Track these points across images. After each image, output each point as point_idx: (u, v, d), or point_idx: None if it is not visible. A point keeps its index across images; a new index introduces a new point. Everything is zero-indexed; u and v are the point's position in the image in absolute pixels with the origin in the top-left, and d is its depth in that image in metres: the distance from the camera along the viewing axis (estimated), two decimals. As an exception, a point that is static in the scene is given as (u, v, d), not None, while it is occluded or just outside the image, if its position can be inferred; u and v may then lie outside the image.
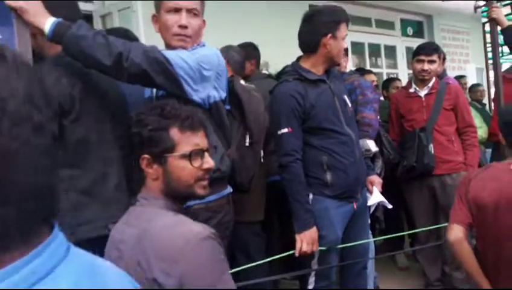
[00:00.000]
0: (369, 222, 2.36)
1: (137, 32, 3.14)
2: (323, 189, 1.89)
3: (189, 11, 1.56)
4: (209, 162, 1.06)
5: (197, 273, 0.89)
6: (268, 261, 2.17)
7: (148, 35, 1.67)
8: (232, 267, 1.83)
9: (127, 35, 2.01)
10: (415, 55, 2.70)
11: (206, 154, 1.07)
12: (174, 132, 1.02)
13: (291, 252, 1.88)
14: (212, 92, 1.56)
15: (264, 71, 3.50)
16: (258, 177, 2.11)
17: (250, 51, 2.73)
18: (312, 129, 1.90)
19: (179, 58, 1.44)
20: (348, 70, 2.77)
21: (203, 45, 1.61)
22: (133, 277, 0.91)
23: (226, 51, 2.25)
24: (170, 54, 1.44)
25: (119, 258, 0.99)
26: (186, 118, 1.04)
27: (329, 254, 1.93)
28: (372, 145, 2.43)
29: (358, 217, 2.00)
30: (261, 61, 3.12)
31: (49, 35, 1.30)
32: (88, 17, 3.91)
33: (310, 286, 1.98)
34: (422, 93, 2.69)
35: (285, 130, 1.85)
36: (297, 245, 1.84)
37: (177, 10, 1.55)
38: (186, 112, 1.07)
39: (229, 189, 1.67)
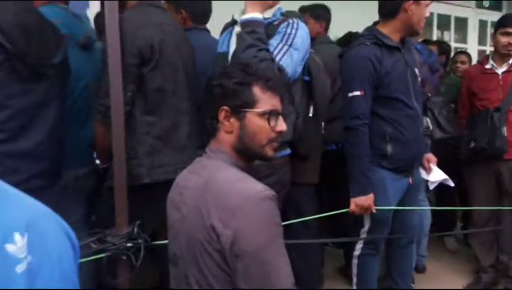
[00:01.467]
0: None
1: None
2: (381, 160, 1.86)
3: None
4: (282, 125, 1.07)
5: (252, 231, 0.90)
6: (318, 229, 2.19)
7: None
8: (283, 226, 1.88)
9: None
10: (499, 27, 2.46)
11: (281, 117, 1.08)
12: (257, 90, 1.03)
13: (342, 211, 1.88)
14: (299, 69, 1.65)
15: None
16: (317, 143, 2.11)
17: (321, 13, 2.63)
18: (381, 98, 1.84)
19: (281, 54, 1.54)
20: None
21: (298, 24, 1.62)
22: (191, 223, 0.96)
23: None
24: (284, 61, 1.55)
25: (182, 203, 1.02)
26: (270, 79, 1.05)
27: (380, 225, 1.92)
28: (429, 122, 2.38)
29: (412, 192, 1.98)
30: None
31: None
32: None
33: (357, 253, 2.00)
34: (500, 70, 2.48)
35: (358, 92, 1.81)
36: (352, 208, 1.83)
37: None
38: (271, 73, 1.08)
39: (288, 150, 1.70)
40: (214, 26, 2.06)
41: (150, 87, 1.48)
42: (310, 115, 1.88)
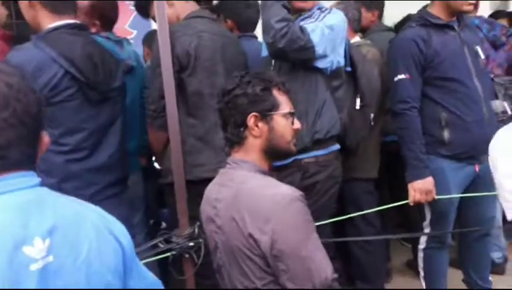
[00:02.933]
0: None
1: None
2: (438, 148, 1.76)
3: None
4: (297, 123, 1.15)
5: (286, 232, 0.97)
6: (381, 223, 2.15)
7: None
8: (343, 222, 1.89)
9: None
10: None
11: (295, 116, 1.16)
12: (276, 93, 1.11)
13: (402, 203, 1.82)
14: (336, 58, 1.63)
15: None
16: (373, 136, 2.07)
17: (372, 1, 2.55)
18: (433, 80, 1.76)
19: (312, 31, 1.52)
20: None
21: (330, 10, 1.63)
22: (229, 233, 1.03)
23: (345, 8, 2.17)
24: (308, 26, 1.53)
25: (215, 215, 1.10)
26: (282, 83, 1.12)
27: (442, 216, 1.82)
28: (506, 107, 2.16)
29: (481, 181, 1.78)
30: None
31: None
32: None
33: (421, 246, 1.92)
34: None
35: (403, 76, 1.76)
36: (410, 194, 1.76)
37: None
38: (280, 78, 1.15)
39: (337, 145, 1.70)
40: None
41: (188, 91, 1.61)
42: (357, 107, 1.84)
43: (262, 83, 1.08)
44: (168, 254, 1.47)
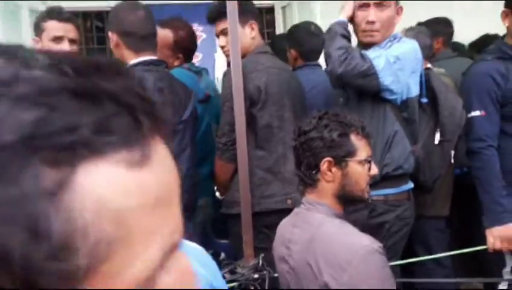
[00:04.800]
0: None
1: (314, 21, 3.25)
2: None
3: (377, 5, 1.55)
4: (374, 169, 1.13)
5: (364, 284, 0.93)
6: (452, 262, 2.01)
7: (324, 27, 1.74)
8: (411, 262, 1.79)
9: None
10: None
11: (372, 161, 1.13)
12: (354, 138, 1.09)
13: (480, 248, 1.70)
14: (406, 88, 1.56)
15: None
16: (444, 173, 1.96)
17: (436, 28, 2.46)
18: None
19: (376, 57, 1.48)
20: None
21: (400, 39, 1.58)
22: (302, 276, 1.01)
23: (415, 35, 2.12)
24: (368, 54, 1.50)
25: (288, 255, 1.09)
26: (363, 128, 1.10)
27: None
28: None
29: None
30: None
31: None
32: (270, 9, 4.24)
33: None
34: None
35: (477, 112, 1.66)
36: (489, 241, 1.64)
37: (365, 5, 1.56)
38: (361, 122, 1.13)
39: (410, 184, 1.62)
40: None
41: (259, 125, 1.64)
42: (436, 142, 1.74)
43: (340, 128, 1.07)
44: (233, 284, 1.48)
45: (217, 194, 1.86)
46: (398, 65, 1.50)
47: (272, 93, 1.65)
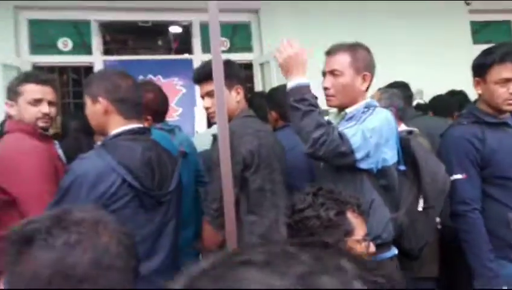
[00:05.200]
0: None
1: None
2: (509, 252, 1.63)
3: (330, 72, 1.58)
4: (372, 247, 1.11)
5: None
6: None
7: None
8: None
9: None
10: None
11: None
12: (350, 216, 1.06)
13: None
14: (381, 156, 1.51)
15: (418, 100, 3.27)
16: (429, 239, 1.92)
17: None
18: (494, 179, 1.67)
19: (353, 135, 1.44)
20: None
21: (374, 109, 1.55)
22: None
23: (389, 97, 2.19)
24: (346, 133, 1.45)
25: None
26: (358, 205, 1.07)
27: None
28: None
29: None
30: (414, 90, 2.96)
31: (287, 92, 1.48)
32: (248, 66, 4.35)
33: None
34: None
35: (459, 175, 1.69)
36: None
37: (324, 73, 1.61)
38: (356, 199, 1.10)
39: (393, 251, 1.54)
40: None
41: (251, 189, 1.59)
42: (419, 209, 1.68)
43: (336, 206, 1.04)
44: None
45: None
46: (374, 139, 1.46)
47: (263, 156, 1.63)
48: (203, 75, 1.72)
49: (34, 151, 1.60)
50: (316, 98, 1.48)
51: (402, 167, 1.67)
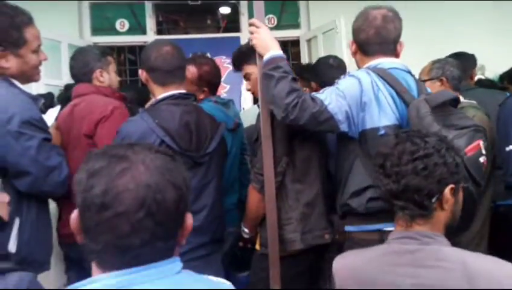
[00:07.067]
0: None
1: (339, 52, 3.31)
2: None
3: None
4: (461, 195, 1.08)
5: None
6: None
7: (350, 56, 1.71)
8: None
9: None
10: None
11: None
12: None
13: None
14: (360, 121, 1.43)
15: (479, 76, 3.06)
16: (481, 209, 1.87)
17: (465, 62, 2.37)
18: None
19: (323, 97, 1.41)
20: None
21: (346, 76, 1.51)
22: None
23: (442, 67, 2.10)
24: (320, 96, 1.43)
25: None
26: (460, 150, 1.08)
27: None
28: None
29: None
30: (477, 64, 2.69)
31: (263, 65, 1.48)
32: (295, 42, 4.34)
33: None
34: None
35: None
36: None
37: None
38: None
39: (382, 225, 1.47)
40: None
41: (298, 157, 1.61)
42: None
43: (454, 153, 1.02)
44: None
45: (246, 230, 1.73)
46: (347, 100, 1.41)
47: None
48: (237, 60, 1.82)
49: (122, 104, 1.79)
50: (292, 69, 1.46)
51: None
